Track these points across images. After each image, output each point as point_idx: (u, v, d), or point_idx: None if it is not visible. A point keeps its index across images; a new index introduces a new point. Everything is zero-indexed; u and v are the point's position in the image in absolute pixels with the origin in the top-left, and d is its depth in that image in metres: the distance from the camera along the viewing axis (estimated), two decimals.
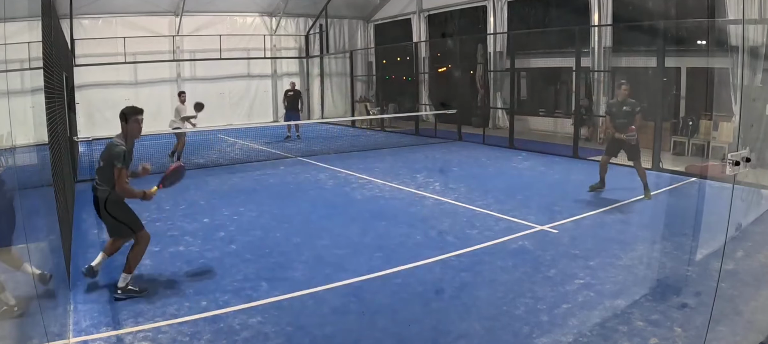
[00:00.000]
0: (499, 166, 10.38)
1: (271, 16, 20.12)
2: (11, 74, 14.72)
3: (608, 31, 12.92)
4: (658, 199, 7.58)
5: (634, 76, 13.07)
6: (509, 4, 15.67)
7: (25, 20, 13.48)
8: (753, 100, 4.88)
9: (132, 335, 3.75)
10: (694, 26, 11.12)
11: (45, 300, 4.42)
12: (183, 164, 4.97)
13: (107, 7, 16.85)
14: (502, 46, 15.70)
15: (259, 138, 15.59)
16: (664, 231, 5.87)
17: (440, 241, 5.76)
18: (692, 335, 3.58)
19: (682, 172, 9.05)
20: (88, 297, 4.40)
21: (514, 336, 3.68)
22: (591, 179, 7.74)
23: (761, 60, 7.35)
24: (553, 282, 4.57)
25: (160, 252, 5.54)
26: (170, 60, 18.37)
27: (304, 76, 21.43)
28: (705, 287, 4.36)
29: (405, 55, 20.09)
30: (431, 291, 4.51)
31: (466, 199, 7.52)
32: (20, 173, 9.64)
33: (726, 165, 2.81)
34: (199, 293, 4.45)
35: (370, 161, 11.10)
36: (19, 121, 14.45)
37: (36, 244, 5.42)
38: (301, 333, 3.77)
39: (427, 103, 18.30)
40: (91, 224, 6.75)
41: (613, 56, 13.10)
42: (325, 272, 4.88)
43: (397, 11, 19.72)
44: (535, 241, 5.66)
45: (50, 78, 5.83)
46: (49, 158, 5.18)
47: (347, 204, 7.51)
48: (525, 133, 13.99)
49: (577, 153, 10.92)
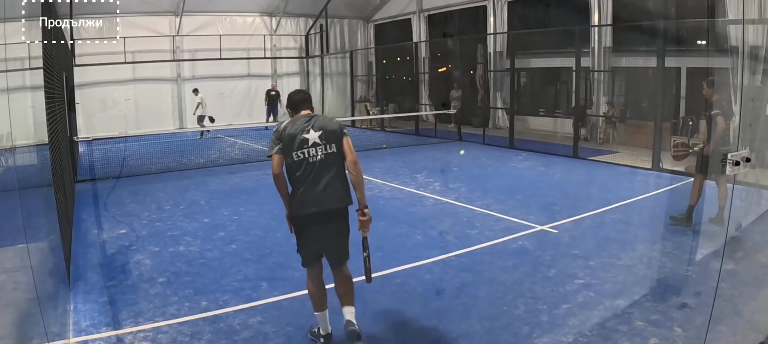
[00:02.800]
0: (499, 166, 10.38)
1: (271, 16, 20.12)
2: (11, 74, 14.72)
3: (608, 31, 12.93)
4: (658, 199, 7.58)
5: (634, 76, 13.11)
6: (509, 4, 15.67)
7: (25, 20, 13.48)
8: (752, 100, 4.87)
9: (132, 335, 3.75)
10: (694, 26, 11.12)
11: (45, 300, 4.41)
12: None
13: (107, 7, 16.82)
14: (502, 46, 15.70)
15: (260, 138, 15.59)
16: (664, 231, 5.87)
17: (440, 241, 5.76)
18: (692, 335, 3.57)
19: (682, 171, 9.05)
20: (88, 297, 4.40)
21: (514, 336, 3.68)
22: (591, 179, 7.71)
23: (761, 60, 7.35)
24: (553, 282, 4.57)
25: (160, 252, 5.54)
26: (170, 60, 18.37)
27: (304, 76, 21.43)
28: (705, 287, 4.36)
29: (405, 55, 20.09)
30: (431, 291, 4.51)
31: (466, 199, 7.52)
32: (20, 173, 9.66)
33: (726, 165, 2.81)
34: (199, 293, 4.45)
35: (370, 161, 11.10)
36: (19, 120, 14.46)
37: (36, 244, 5.42)
38: (301, 333, 3.77)
39: (427, 102, 18.30)
40: (91, 224, 6.75)
41: (613, 56, 13.11)
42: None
43: (397, 11, 19.72)
44: (535, 241, 5.66)
45: (50, 78, 5.83)
46: (49, 158, 5.17)
47: None
48: (525, 132, 13.99)
49: (577, 153, 10.92)
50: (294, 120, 3.43)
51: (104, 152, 13.25)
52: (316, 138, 3.33)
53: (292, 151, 3.31)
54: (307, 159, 3.32)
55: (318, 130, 3.35)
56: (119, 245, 5.83)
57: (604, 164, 10.14)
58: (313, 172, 3.33)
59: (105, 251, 5.66)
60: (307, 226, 3.42)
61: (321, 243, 3.47)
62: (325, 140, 3.35)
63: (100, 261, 5.35)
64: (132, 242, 5.93)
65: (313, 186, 3.33)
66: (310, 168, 3.33)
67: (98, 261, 5.34)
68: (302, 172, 3.32)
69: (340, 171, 3.43)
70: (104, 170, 10.73)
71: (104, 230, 6.46)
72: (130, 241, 5.96)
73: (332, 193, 3.39)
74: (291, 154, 3.31)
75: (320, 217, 3.38)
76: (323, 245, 3.48)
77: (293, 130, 3.34)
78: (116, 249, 5.71)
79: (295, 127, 3.35)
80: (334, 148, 3.38)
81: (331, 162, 3.37)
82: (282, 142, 3.34)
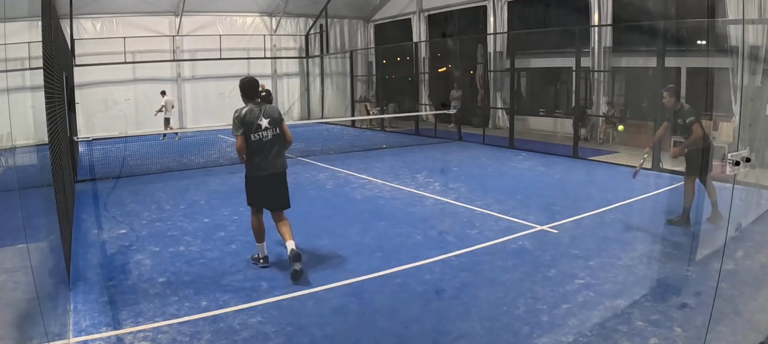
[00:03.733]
0: (499, 166, 10.38)
1: (271, 16, 20.12)
2: (11, 74, 14.73)
3: (608, 31, 12.93)
4: (658, 199, 7.58)
5: (634, 76, 13.11)
6: (509, 4, 15.67)
7: (25, 20, 13.48)
8: (752, 100, 4.87)
9: (132, 335, 3.75)
10: (694, 26, 11.12)
11: (45, 300, 4.41)
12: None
13: (107, 7, 16.86)
14: (502, 46, 15.71)
15: None
16: (664, 231, 5.87)
17: (440, 241, 5.76)
18: (692, 335, 3.57)
19: (682, 171, 9.04)
20: (88, 297, 4.40)
21: (514, 336, 3.68)
22: (591, 179, 7.72)
23: (761, 60, 7.35)
24: (553, 282, 4.57)
25: (160, 252, 5.54)
26: (170, 60, 18.37)
27: (304, 76, 21.43)
28: (705, 287, 4.35)
29: (405, 55, 20.09)
30: (431, 291, 4.52)
31: (466, 199, 7.52)
32: (20, 173, 9.66)
33: (726, 165, 2.81)
34: (199, 293, 4.45)
35: (370, 161, 11.11)
36: (19, 121, 14.49)
37: (36, 244, 5.42)
38: (301, 333, 3.77)
39: (427, 103, 18.30)
40: (91, 224, 6.75)
41: (613, 56, 13.11)
42: (326, 272, 4.88)
43: (397, 11, 19.72)
44: (535, 241, 5.66)
45: (50, 78, 5.83)
46: (49, 158, 5.17)
47: (347, 204, 7.51)
48: (525, 133, 14.00)
49: (577, 153, 10.92)
50: (250, 109, 4.76)
51: (104, 152, 13.25)
52: (266, 124, 4.79)
53: (251, 133, 4.74)
54: (261, 139, 4.78)
55: (267, 117, 4.81)
56: (119, 245, 5.83)
57: (604, 164, 10.15)
58: (266, 147, 4.81)
59: (105, 251, 5.66)
60: (260, 184, 4.89)
61: (269, 195, 4.92)
62: (272, 125, 4.83)
63: (100, 261, 5.35)
64: (132, 242, 5.93)
65: (266, 157, 4.83)
66: (263, 144, 4.79)
67: (98, 261, 5.34)
68: (258, 147, 4.78)
69: (282, 146, 4.93)
70: (104, 170, 10.73)
71: (104, 230, 6.46)
72: (130, 241, 5.96)
73: (278, 161, 4.90)
74: (250, 135, 4.75)
75: (270, 178, 4.89)
76: (271, 197, 4.93)
77: (251, 118, 4.74)
78: (116, 249, 5.72)
79: (251, 116, 4.74)
80: (278, 131, 4.87)
81: (276, 140, 4.87)
82: (244, 126, 4.72)
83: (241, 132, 4.72)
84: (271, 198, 4.91)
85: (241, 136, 4.73)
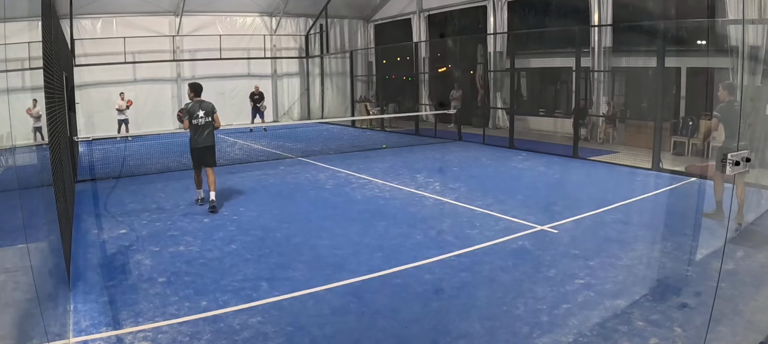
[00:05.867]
0: (499, 166, 10.38)
1: (271, 16, 20.12)
2: (11, 74, 14.73)
3: (608, 31, 12.92)
4: (657, 199, 7.58)
5: (634, 76, 13.11)
6: (509, 4, 15.67)
7: (25, 20, 13.49)
8: (752, 100, 4.89)
9: (132, 335, 3.75)
10: (694, 26, 11.12)
11: (45, 300, 4.42)
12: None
13: (107, 7, 16.85)
14: (502, 46, 15.71)
15: (259, 138, 15.60)
16: (664, 231, 5.87)
17: (440, 241, 5.76)
18: (692, 335, 3.58)
19: (682, 171, 9.06)
20: (88, 297, 4.40)
21: (514, 336, 3.68)
22: (591, 179, 7.72)
23: (761, 60, 7.35)
24: (553, 282, 4.57)
25: (160, 252, 5.54)
26: (170, 60, 18.37)
27: (304, 76, 21.44)
28: (705, 287, 4.35)
29: (405, 55, 20.09)
30: (431, 291, 4.52)
31: (466, 199, 7.52)
32: (20, 173, 9.66)
33: (726, 165, 2.80)
34: (199, 293, 4.45)
35: (370, 161, 11.11)
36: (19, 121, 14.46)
37: (36, 244, 5.43)
38: (301, 333, 3.77)
39: (427, 102, 18.29)
40: (91, 224, 6.75)
41: (613, 56, 13.11)
42: (325, 272, 4.88)
43: (397, 11, 19.72)
44: (535, 241, 5.66)
45: (50, 78, 5.83)
46: (49, 158, 5.17)
47: (347, 204, 7.51)
48: (525, 133, 13.99)
49: (577, 153, 10.92)
50: (196, 103, 7.17)
51: (104, 152, 13.25)
52: (202, 114, 7.15)
53: (192, 118, 7.13)
54: (199, 123, 7.14)
55: (204, 110, 7.16)
56: (119, 245, 5.83)
57: (604, 164, 10.15)
58: (199, 129, 7.17)
59: (105, 251, 5.66)
60: (197, 152, 7.29)
61: (202, 158, 7.31)
62: (206, 115, 7.17)
63: (100, 261, 5.34)
64: (132, 242, 5.93)
65: (200, 135, 7.19)
66: (198, 127, 7.16)
67: (98, 261, 5.34)
68: (195, 128, 7.16)
69: (211, 129, 7.25)
70: (104, 170, 10.73)
71: (104, 230, 6.46)
72: (130, 241, 5.96)
73: (209, 138, 7.26)
74: (192, 120, 7.14)
75: (203, 149, 7.26)
76: (204, 159, 7.31)
77: (193, 109, 7.14)
78: (116, 249, 5.72)
79: (194, 108, 7.14)
80: (210, 119, 7.21)
81: (207, 125, 7.19)
82: (189, 114, 7.13)
83: (187, 117, 7.13)
84: (203, 159, 7.29)
85: (187, 120, 7.12)
